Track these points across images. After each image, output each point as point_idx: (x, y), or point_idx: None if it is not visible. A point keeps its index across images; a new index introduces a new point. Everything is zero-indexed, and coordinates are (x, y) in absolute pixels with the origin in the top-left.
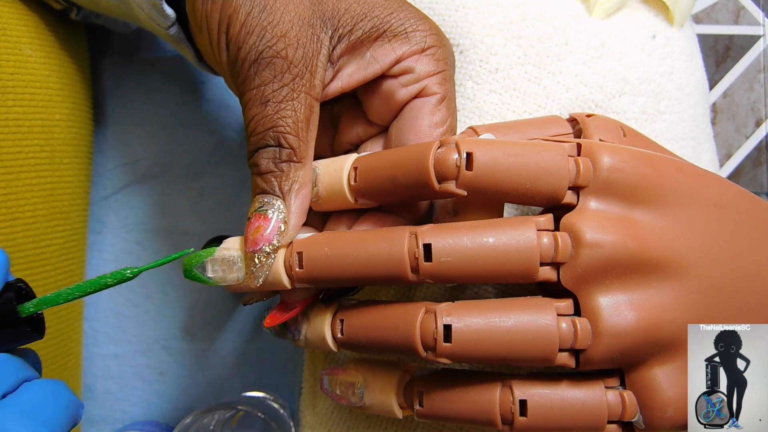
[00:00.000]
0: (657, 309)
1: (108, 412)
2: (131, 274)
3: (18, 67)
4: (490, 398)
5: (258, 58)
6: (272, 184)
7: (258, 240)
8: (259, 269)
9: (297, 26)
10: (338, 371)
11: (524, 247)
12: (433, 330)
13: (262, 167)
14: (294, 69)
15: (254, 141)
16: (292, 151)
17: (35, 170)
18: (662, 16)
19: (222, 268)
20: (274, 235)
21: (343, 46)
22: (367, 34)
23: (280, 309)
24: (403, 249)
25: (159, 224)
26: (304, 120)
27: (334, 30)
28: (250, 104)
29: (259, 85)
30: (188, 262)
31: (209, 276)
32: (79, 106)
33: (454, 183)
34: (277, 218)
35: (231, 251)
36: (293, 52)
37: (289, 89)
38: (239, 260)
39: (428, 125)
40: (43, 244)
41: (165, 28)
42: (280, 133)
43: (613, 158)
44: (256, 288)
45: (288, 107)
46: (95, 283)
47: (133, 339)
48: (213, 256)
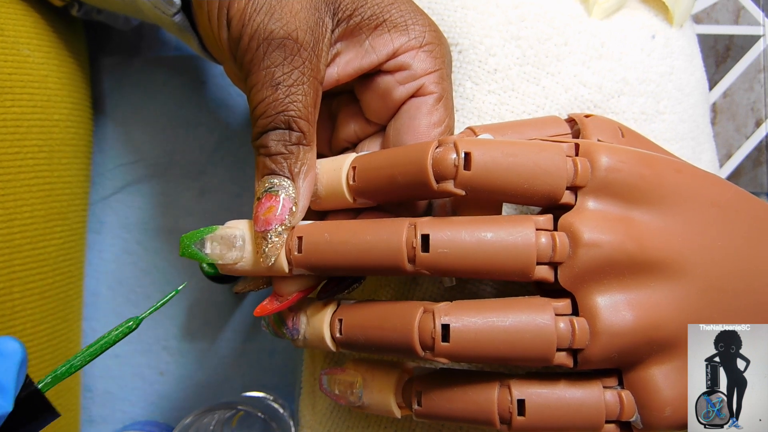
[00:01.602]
0: (655, 309)
1: (108, 412)
2: (134, 325)
3: (16, 67)
4: (489, 398)
5: (268, 37)
6: (282, 166)
7: (270, 219)
8: (271, 249)
9: (306, 8)
10: (337, 371)
11: (521, 245)
12: (432, 329)
13: (272, 149)
14: (304, 53)
15: (263, 123)
16: (302, 135)
17: (34, 170)
18: (662, 16)
19: (221, 246)
20: (285, 215)
21: (341, 30)
22: (366, 21)
23: (271, 300)
24: (401, 238)
25: (159, 224)
26: (312, 104)
27: (334, 14)
28: (258, 86)
29: (269, 66)
30: (186, 239)
31: (207, 252)
32: (79, 106)
33: (452, 183)
34: (288, 199)
35: (233, 230)
36: (303, 35)
37: (299, 73)
38: (240, 240)
39: (426, 125)
40: (41, 245)
41: (170, 15)
42: (291, 117)
43: (611, 158)
44: (263, 270)
45: (298, 91)
46: (103, 344)
47: (133, 339)
48: (214, 233)
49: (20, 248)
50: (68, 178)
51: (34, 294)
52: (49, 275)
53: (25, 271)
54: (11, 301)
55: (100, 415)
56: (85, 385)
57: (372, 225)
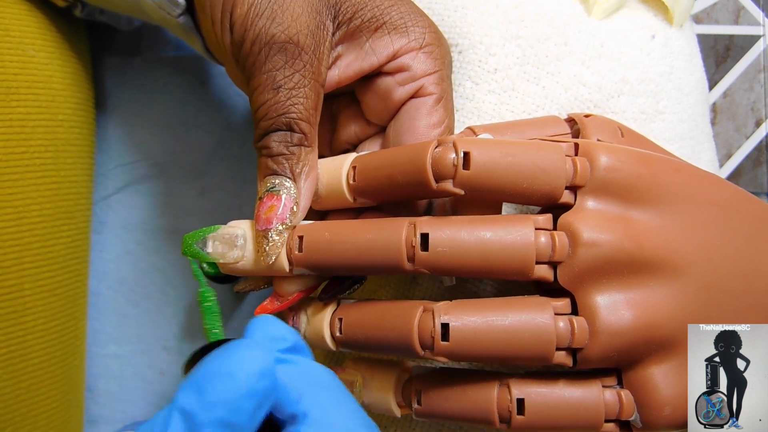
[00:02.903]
0: (654, 308)
1: (108, 412)
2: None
3: (21, 67)
4: (488, 397)
5: (270, 41)
6: (284, 166)
7: (271, 218)
8: (272, 248)
9: (307, 12)
10: (337, 370)
11: (520, 244)
12: (431, 328)
13: (274, 150)
14: (305, 56)
15: (265, 125)
16: (303, 136)
17: (40, 170)
18: (661, 16)
19: (223, 245)
20: (286, 214)
21: (342, 33)
22: (367, 23)
23: (272, 300)
24: (401, 237)
25: (159, 224)
26: (313, 106)
27: (334, 17)
28: (260, 89)
29: (271, 69)
30: (188, 238)
31: (209, 251)
32: (82, 106)
33: (452, 182)
34: (290, 198)
35: (235, 229)
36: (305, 39)
37: (300, 76)
38: (241, 239)
39: (425, 126)
40: (50, 243)
41: (175, 16)
42: (293, 120)
43: (610, 158)
44: (264, 269)
45: (300, 94)
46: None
47: (134, 339)
48: (216, 232)
49: (30, 246)
50: (74, 177)
51: (44, 291)
52: (58, 273)
53: (35, 269)
54: (22, 298)
55: (100, 415)
56: (86, 385)
57: (372, 224)
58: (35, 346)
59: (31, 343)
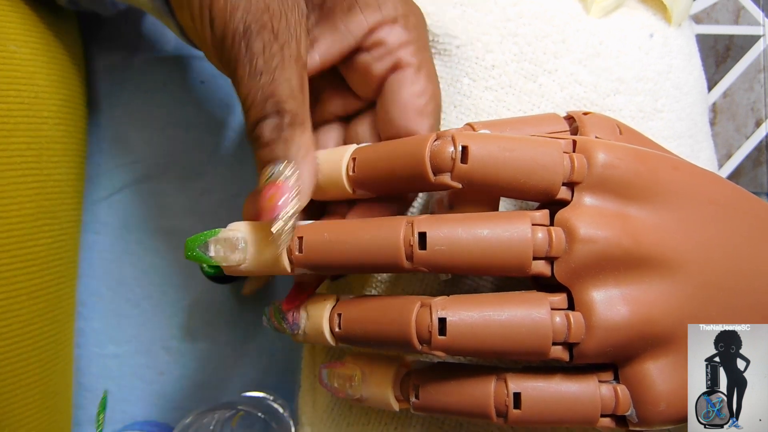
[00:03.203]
0: (650, 304)
1: (108, 412)
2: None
3: (1, 63)
4: (485, 391)
5: (245, 31)
6: (278, 151)
7: (274, 206)
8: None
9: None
10: (336, 365)
11: (518, 241)
12: (428, 323)
13: (265, 137)
14: (281, 38)
15: (253, 114)
16: (292, 116)
17: (21, 168)
18: (660, 15)
19: (224, 249)
20: (291, 197)
21: (316, 15)
22: (339, 3)
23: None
24: (399, 237)
25: (159, 224)
26: (298, 86)
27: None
28: (244, 79)
29: (251, 58)
30: (191, 242)
31: (211, 255)
32: (69, 103)
33: (449, 175)
34: (290, 182)
35: (236, 232)
36: (277, 23)
37: (279, 58)
38: (243, 242)
39: (409, 96)
40: (29, 244)
41: None
42: (279, 101)
43: (607, 155)
44: (266, 269)
45: (281, 75)
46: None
47: (133, 339)
48: (217, 236)
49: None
50: (58, 176)
51: (21, 295)
52: (38, 275)
53: (10, 271)
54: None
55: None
56: (85, 385)
57: (370, 224)
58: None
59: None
